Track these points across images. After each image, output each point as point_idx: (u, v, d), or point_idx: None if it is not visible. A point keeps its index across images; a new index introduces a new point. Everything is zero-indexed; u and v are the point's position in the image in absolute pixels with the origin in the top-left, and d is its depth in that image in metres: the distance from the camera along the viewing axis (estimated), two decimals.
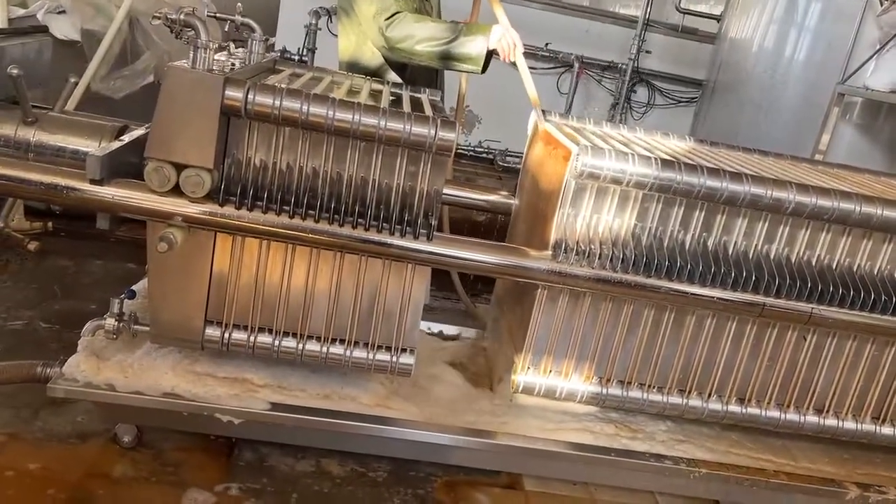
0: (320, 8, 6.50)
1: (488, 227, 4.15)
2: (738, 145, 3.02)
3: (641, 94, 8.12)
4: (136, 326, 2.36)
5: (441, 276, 3.39)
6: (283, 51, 5.81)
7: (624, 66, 7.81)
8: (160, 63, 4.10)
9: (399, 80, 3.06)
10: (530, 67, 2.98)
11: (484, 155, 7.94)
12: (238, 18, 2.72)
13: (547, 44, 7.60)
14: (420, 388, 2.64)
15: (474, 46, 2.80)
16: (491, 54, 2.87)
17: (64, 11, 3.92)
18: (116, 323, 2.33)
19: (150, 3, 4.16)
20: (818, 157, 5.42)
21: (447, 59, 2.84)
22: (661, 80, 8.07)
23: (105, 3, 4.02)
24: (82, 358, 2.33)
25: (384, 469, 2.56)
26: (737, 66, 6.18)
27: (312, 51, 6.08)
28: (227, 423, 2.32)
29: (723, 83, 6.41)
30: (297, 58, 5.78)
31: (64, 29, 3.93)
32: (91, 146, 2.30)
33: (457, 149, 7.10)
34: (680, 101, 8.15)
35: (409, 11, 2.86)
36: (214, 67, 2.11)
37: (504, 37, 2.81)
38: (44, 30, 3.72)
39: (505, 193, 3.01)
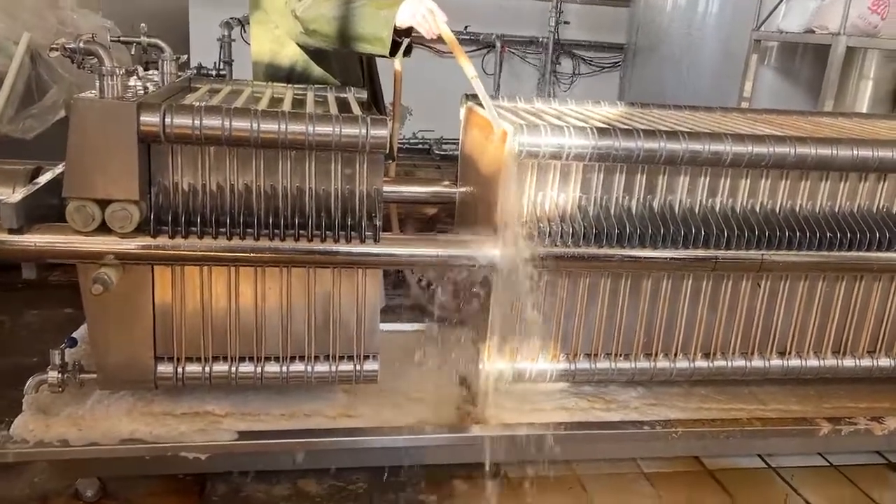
0: (231, 18, 6.33)
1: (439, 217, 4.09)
2: (668, 104, 3.03)
3: (566, 65, 8.19)
4: (82, 375, 2.24)
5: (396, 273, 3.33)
6: (199, 67, 5.63)
7: (545, 40, 7.85)
8: (69, 96, 3.93)
9: (320, 81, 2.95)
10: (451, 53, 2.46)
11: (420, 145, 7.90)
12: (144, 40, 2.61)
13: (466, 27, 7.58)
14: (386, 390, 2.58)
15: (378, 23, 2.41)
16: (407, 35, 2.54)
17: None
18: (60, 375, 2.20)
19: (51, 34, 3.98)
20: (744, 104, 5.55)
21: (350, 38, 2.50)
22: (584, 48, 8.14)
23: (2, 41, 3.82)
24: (29, 417, 2.20)
25: (363, 480, 2.50)
26: (654, 26, 6.26)
27: (229, 63, 5.92)
28: (194, 459, 2.22)
29: (643, 45, 6.49)
30: (214, 73, 5.62)
31: None
32: (4, 193, 2.16)
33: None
34: (604, 67, 8.24)
35: None
36: (125, 94, 2.00)
37: (417, 10, 2.37)
38: None
39: (447, 183, 2.97)
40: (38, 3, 4.16)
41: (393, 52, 2.53)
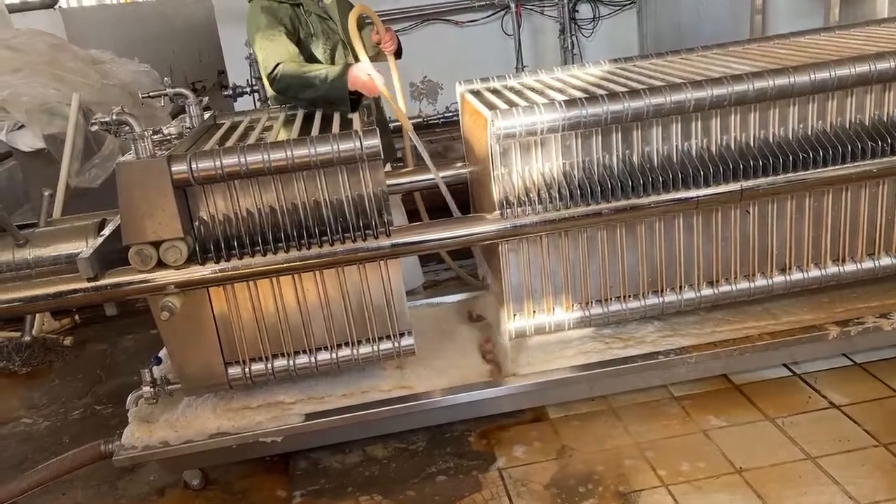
0: None
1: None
2: (650, 54, 3.19)
3: (585, 10, 8.17)
4: (170, 387, 2.67)
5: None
6: (234, 87, 6.02)
7: None
8: (123, 141, 4.37)
9: None
10: (470, 21, 3.05)
11: (455, 118, 8.08)
12: (169, 91, 2.97)
13: None
14: (428, 360, 2.89)
15: (337, 93, 2.96)
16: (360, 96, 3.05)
17: (23, 126, 4.21)
18: (152, 389, 2.63)
19: (96, 91, 4.43)
20: (757, 16, 5.52)
21: (326, 104, 3.03)
22: None
23: (56, 105, 4.29)
24: (135, 427, 2.64)
25: (422, 439, 2.85)
26: None
27: (260, 78, 6.28)
28: (272, 443, 2.62)
29: None
30: (248, 89, 5.99)
31: (28, 141, 4.24)
32: (80, 247, 2.57)
33: (428, 120, 7.30)
34: (624, 6, 8.19)
35: (293, 58, 3.06)
36: (157, 151, 2.37)
37: (359, 78, 2.95)
38: (8, 154, 4.00)
39: (459, 165, 3.22)
40: (80, 63, 4.62)
41: (354, 108, 3.05)
